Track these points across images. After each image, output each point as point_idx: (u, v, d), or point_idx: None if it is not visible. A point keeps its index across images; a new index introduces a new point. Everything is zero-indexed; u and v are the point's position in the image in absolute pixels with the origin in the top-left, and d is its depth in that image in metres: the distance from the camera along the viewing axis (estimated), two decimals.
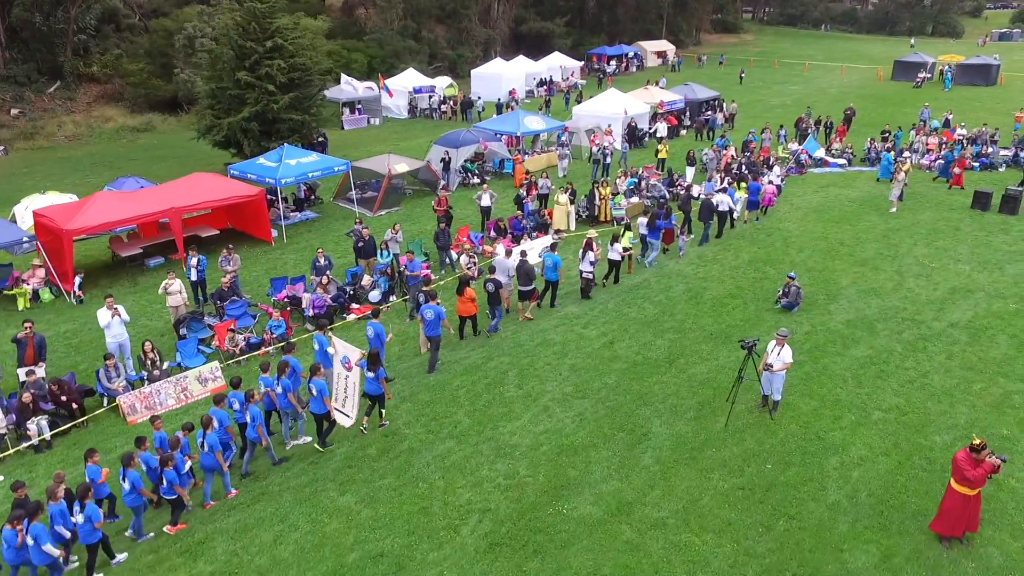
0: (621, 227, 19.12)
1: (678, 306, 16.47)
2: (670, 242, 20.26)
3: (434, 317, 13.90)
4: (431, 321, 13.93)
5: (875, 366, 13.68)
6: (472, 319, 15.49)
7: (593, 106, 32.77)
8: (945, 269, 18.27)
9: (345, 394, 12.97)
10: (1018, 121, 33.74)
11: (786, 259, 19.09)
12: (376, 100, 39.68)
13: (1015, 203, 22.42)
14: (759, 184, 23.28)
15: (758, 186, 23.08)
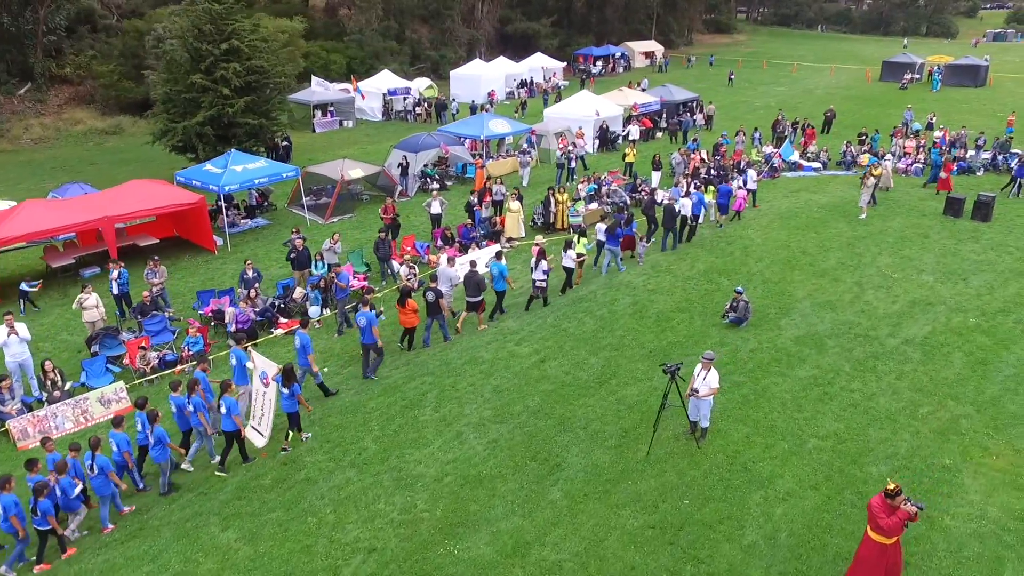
0: (575, 234, 18.47)
1: (620, 321, 15.62)
2: (629, 248, 19.53)
3: (366, 324, 13.44)
4: (364, 328, 13.49)
5: (819, 387, 12.81)
6: (411, 331, 14.84)
7: (564, 108, 31.93)
8: (908, 280, 17.38)
9: (262, 412, 12.24)
10: (1010, 125, 32.75)
11: (743, 269, 18.22)
12: (349, 102, 38.88)
13: (987, 209, 21.52)
14: (728, 187, 22.55)
15: (728, 189, 22.32)
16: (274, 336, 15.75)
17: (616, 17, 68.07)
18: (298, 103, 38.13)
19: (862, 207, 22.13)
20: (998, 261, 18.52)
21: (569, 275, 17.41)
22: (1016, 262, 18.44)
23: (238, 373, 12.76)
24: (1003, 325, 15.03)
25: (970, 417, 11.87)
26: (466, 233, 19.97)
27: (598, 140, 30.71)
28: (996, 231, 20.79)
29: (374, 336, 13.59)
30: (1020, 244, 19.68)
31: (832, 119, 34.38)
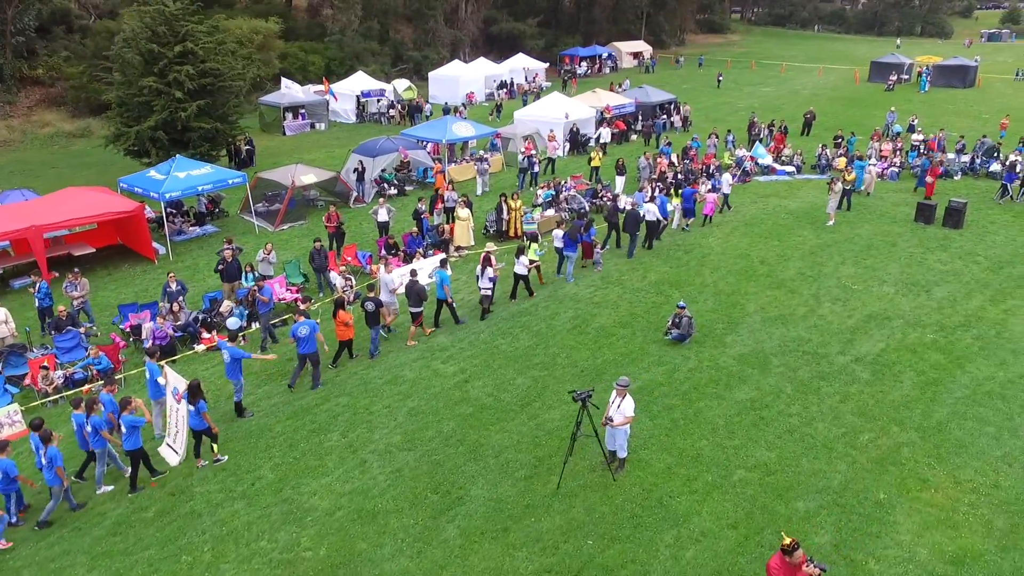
0: (527, 241, 17.76)
1: (557, 337, 14.79)
2: (589, 256, 18.76)
3: (309, 333, 12.86)
4: (306, 337, 12.88)
5: (755, 412, 11.98)
6: (349, 344, 14.17)
7: (534, 111, 31.09)
8: (867, 292, 16.52)
9: (176, 428, 11.54)
10: (1003, 128, 31.63)
11: (696, 280, 17.39)
12: (321, 104, 38.13)
13: (959, 216, 20.64)
14: (693, 191, 21.78)
15: (692, 192, 21.58)
16: (195, 352, 14.98)
17: (604, 17, 67.25)
18: (269, 105, 37.39)
19: (830, 214, 21.28)
20: (964, 271, 17.66)
21: (518, 282, 16.71)
22: (983, 272, 17.59)
23: (151, 387, 12.17)
24: (961, 341, 14.18)
25: (913, 445, 11.02)
26: (412, 242, 19.15)
27: (568, 143, 29.88)
28: (967, 238, 19.92)
29: (316, 345, 13.04)
30: (990, 253, 18.83)
31: (812, 121, 33.48)
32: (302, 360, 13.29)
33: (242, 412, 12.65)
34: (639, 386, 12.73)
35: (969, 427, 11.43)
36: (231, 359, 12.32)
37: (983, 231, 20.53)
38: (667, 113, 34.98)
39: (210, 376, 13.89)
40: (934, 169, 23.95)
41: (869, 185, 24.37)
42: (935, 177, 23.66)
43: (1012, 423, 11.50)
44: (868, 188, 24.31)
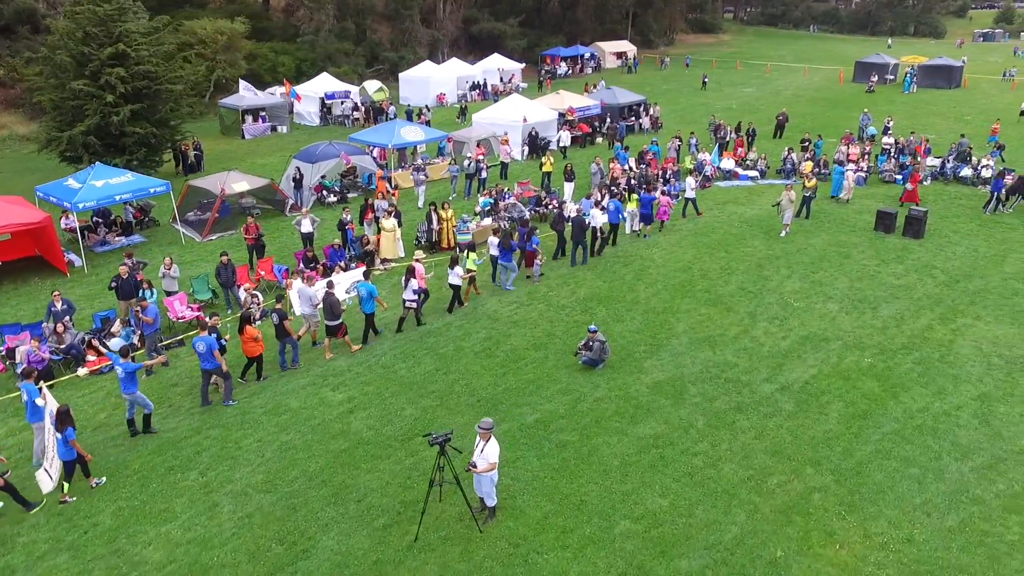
0: (464, 251, 16.85)
1: (463, 360, 13.66)
2: (530, 265, 17.67)
3: (206, 349, 12.12)
4: (203, 354, 12.16)
5: (657, 450, 10.83)
6: (258, 361, 13.26)
7: (493, 113, 29.93)
8: (809, 310, 15.35)
9: (53, 452, 10.60)
10: (994, 133, 29.83)
11: (627, 297, 16.23)
12: (283, 107, 37.08)
13: (920, 225, 19.44)
14: (651, 196, 20.72)
15: (650, 198, 20.52)
16: (76, 376, 13.89)
17: (589, 17, 66.06)
18: (228, 108, 36.34)
19: (785, 224, 20.12)
20: (918, 286, 16.48)
21: (455, 292, 15.81)
22: (937, 287, 16.40)
23: (30, 409, 11.23)
24: (900, 366, 13.00)
25: (825, 490, 9.86)
26: (333, 254, 18.04)
27: (527, 147, 28.77)
28: (926, 249, 18.73)
29: (216, 360, 12.24)
30: (948, 265, 17.64)
31: (784, 123, 32.26)
32: (206, 376, 12.54)
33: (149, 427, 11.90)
34: (536, 419, 11.60)
35: (891, 468, 10.26)
36: (124, 373, 11.46)
37: (945, 241, 19.33)
38: (635, 115, 33.83)
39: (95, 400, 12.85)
40: (915, 175, 22.79)
41: (848, 192, 23.08)
42: (916, 184, 22.45)
43: (939, 463, 10.34)
44: (847, 195, 23.04)
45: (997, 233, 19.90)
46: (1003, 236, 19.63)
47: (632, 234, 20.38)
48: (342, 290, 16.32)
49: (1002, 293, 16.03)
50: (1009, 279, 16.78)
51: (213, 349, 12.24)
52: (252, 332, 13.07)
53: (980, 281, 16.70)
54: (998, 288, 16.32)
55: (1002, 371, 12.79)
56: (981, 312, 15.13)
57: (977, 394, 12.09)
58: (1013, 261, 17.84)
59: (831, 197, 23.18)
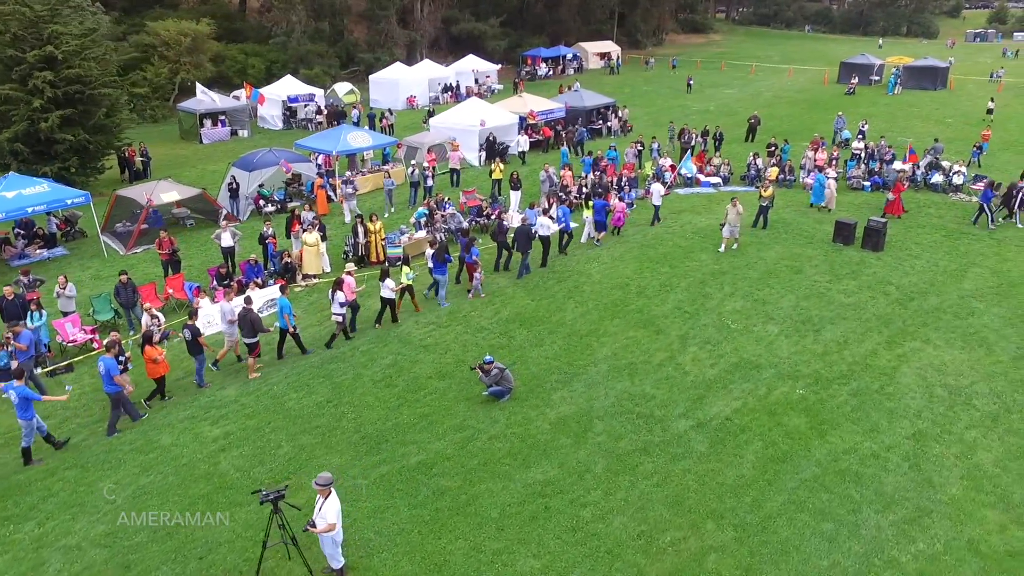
0: (399, 264, 16.12)
1: (359, 390, 12.54)
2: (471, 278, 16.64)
3: (104, 372, 11.36)
4: (103, 376, 11.41)
5: (544, 499, 9.64)
6: (161, 381, 12.44)
7: (450, 117, 28.83)
8: (747, 332, 14.20)
9: None
10: (984, 140, 28.22)
11: (554, 317, 15.10)
12: (244, 110, 36.05)
13: (879, 237, 18.29)
14: (605, 202, 19.81)
15: (604, 204, 19.64)
16: None
17: (572, 17, 64.90)
18: (187, 112, 35.29)
19: (729, 239, 18.47)
20: (869, 305, 15.31)
21: (384, 306, 14.96)
22: (890, 306, 15.23)
23: None
24: (834, 399, 11.86)
25: (723, 550, 8.72)
26: (250, 270, 16.95)
27: (484, 153, 27.66)
28: (884, 263, 17.56)
29: (116, 384, 11.41)
30: (904, 281, 16.47)
31: (756, 126, 31.08)
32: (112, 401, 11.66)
33: (29, 459, 10.96)
34: (420, 460, 10.48)
35: (802, 523, 9.11)
36: (19, 399, 10.59)
37: (905, 254, 18.15)
38: (603, 118, 32.69)
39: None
40: (898, 184, 21.43)
41: (830, 201, 21.71)
42: (898, 194, 21.05)
43: (856, 517, 9.19)
44: (829, 204, 21.69)
45: (961, 245, 18.72)
46: (966, 249, 18.46)
47: (589, 241, 19.48)
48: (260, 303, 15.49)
49: (957, 313, 14.87)
50: (967, 297, 15.62)
51: (112, 373, 11.32)
52: (152, 352, 12.17)
53: (936, 299, 15.54)
54: (954, 307, 15.15)
55: (943, 404, 11.64)
56: (931, 335, 13.97)
57: (912, 432, 10.94)
58: (973, 277, 16.68)
59: (810, 205, 22.03)
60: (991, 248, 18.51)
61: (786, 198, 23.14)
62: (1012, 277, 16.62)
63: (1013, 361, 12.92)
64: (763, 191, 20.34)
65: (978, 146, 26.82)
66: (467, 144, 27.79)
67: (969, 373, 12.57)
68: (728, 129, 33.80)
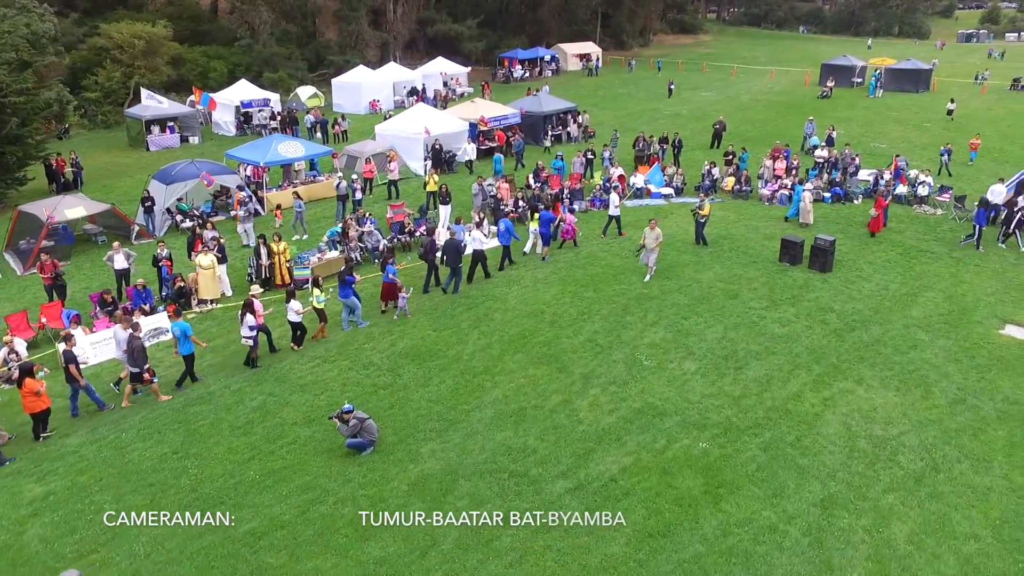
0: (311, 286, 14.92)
1: (213, 439, 11.11)
2: (392, 298, 15.37)
3: None
4: None
5: None
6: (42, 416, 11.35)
7: (395, 125, 27.41)
8: (660, 370, 12.78)
9: None
10: (973, 150, 26.53)
11: (451, 351, 13.68)
12: (194, 116, 34.74)
13: (826, 257, 16.84)
14: (550, 214, 18.61)
15: (549, 216, 18.45)
16: None
17: (552, 18, 63.49)
18: (133, 118, 33.97)
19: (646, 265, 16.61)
20: (803, 336, 13.87)
21: (295, 331, 13.90)
22: (826, 337, 13.79)
23: None
24: (741, 454, 10.43)
25: None
26: (137, 296, 15.56)
27: (430, 161, 26.28)
28: (830, 286, 16.11)
29: None
30: (848, 308, 15.02)
31: (722, 132, 29.62)
32: None
33: None
34: (250, 529, 9.09)
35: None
36: None
37: (854, 275, 16.71)
38: (563, 123, 31.26)
39: None
40: (880, 199, 19.67)
41: (806, 216, 19.98)
42: (881, 210, 19.21)
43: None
44: (805, 219, 19.95)
45: (917, 265, 17.26)
46: (922, 269, 16.99)
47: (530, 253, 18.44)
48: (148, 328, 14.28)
49: (899, 346, 13.43)
50: (912, 326, 14.17)
51: None
52: (32, 385, 11.13)
53: (878, 329, 14.09)
54: (896, 339, 13.71)
55: (864, 460, 10.22)
56: (866, 372, 12.53)
57: (821, 497, 9.50)
58: (924, 302, 15.23)
59: (786, 219, 20.44)
60: (948, 268, 17.07)
61: (739, 211, 21.71)
62: (965, 303, 15.18)
63: (950, 406, 11.50)
64: (700, 209, 18.69)
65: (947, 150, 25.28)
66: (412, 153, 26.42)
67: (900, 421, 11.14)
68: (696, 135, 32.54)
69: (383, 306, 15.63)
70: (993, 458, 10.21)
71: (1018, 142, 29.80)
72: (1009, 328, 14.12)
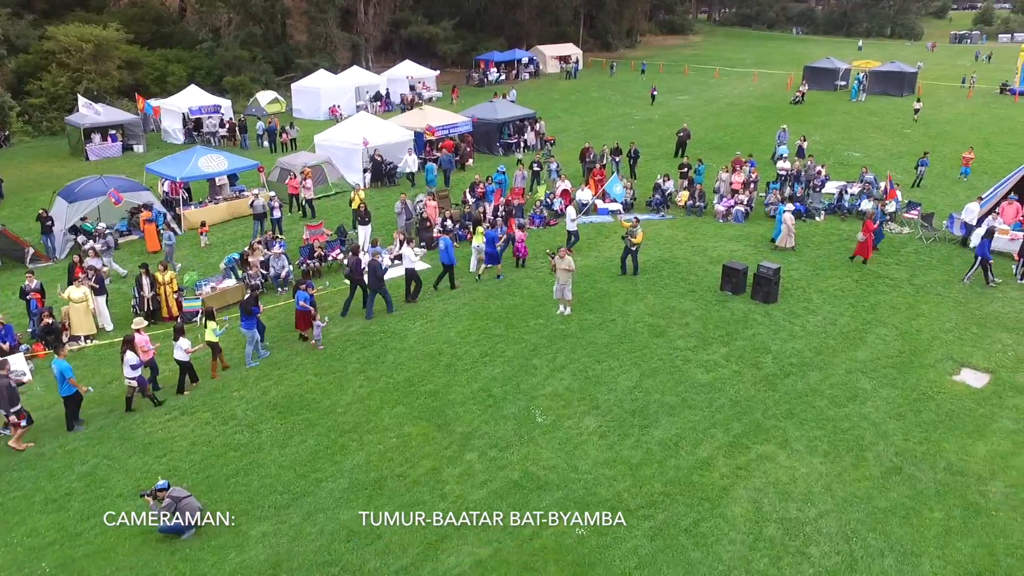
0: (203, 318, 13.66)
1: (15, 517, 9.42)
2: (305, 327, 14.07)
3: None
4: None
5: None
6: None
7: (334, 135, 25.78)
8: (555, 428, 11.10)
9: None
10: (965, 164, 24.23)
11: (327, 400, 11.94)
12: (137, 124, 33.12)
13: (770, 287, 15.13)
14: (494, 233, 17.26)
15: (494, 235, 17.10)
16: None
17: (532, 19, 61.74)
18: (73, 126, 32.39)
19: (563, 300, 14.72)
20: (730, 384, 12.18)
21: (182, 371, 12.40)
22: (756, 386, 12.08)
23: None
24: (623, 542, 8.70)
25: None
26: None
27: (369, 174, 24.63)
28: (772, 320, 14.39)
29: None
30: (786, 347, 13.30)
31: (686, 140, 27.91)
32: None
33: None
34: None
35: None
36: None
37: (801, 307, 15.00)
38: (520, 131, 29.61)
39: None
40: (867, 223, 17.15)
41: (786, 239, 17.94)
42: (869, 234, 16.93)
43: None
44: (784, 243, 17.94)
45: (872, 295, 15.57)
46: (877, 300, 15.30)
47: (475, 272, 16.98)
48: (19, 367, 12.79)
49: (836, 396, 11.74)
50: (856, 371, 12.48)
51: None
52: None
53: (817, 375, 12.40)
54: (835, 387, 12.02)
55: (768, 554, 8.54)
56: (793, 432, 10.86)
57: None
58: (873, 341, 13.53)
59: (771, 241, 18.40)
60: (906, 299, 15.36)
61: (689, 229, 20.02)
62: (920, 341, 13.50)
63: (884, 477, 9.81)
64: (631, 238, 16.47)
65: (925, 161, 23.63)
66: (350, 165, 24.80)
67: (822, 497, 9.47)
68: (663, 142, 30.85)
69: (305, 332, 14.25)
70: (924, 550, 8.55)
71: (1001, 151, 28.06)
72: (964, 373, 12.46)
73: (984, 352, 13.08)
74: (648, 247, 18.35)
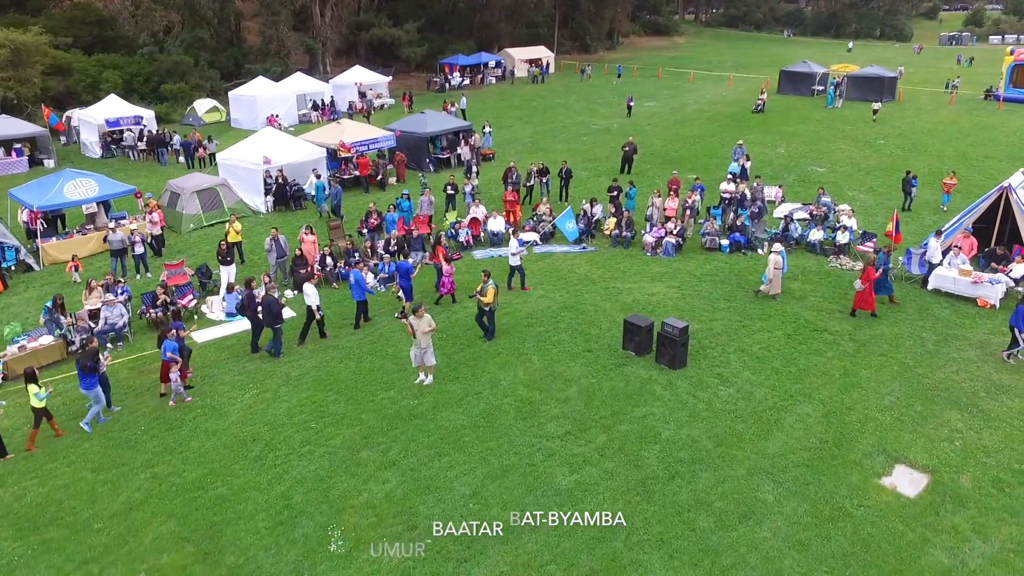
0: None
1: None
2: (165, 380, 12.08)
3: None
4: None
5: None
6: None
7: (235, 153, 23.19)
8: (347, 563, 8.41)
9: None
10: (947, 192, 20.98)
11: (86, 511, 9.36)
12: (47, 137, 30.58)
13: (675, 350, 12.53)
14: (408, 264, 15.41)
15: (408, 266, 15.21)
16: None
17: (502, 20, 59.15)
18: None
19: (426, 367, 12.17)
20: (595, 492, 9.49)
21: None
22: (626, 494, 9.38)
23: None
24: None
25: None
26: None
27: (272, 198, 22.11)
28: (673, 393, 11.77)
29: None
30: (682, 434, 10.66)
31: (633, 155, 25.31)
32: None
33: None
34: None
35: None
36: None
37: (715, 372, 12.36)
38: (453, 146, 27.04)
39: None
40: (869, 270, 14.09)
41: (772, 286, 15.11)
42: (869, 283, 14.01)
43: None
44: (769, 289, 15.13)
45: (804, 355, 12.96)
46: (807, 363, 12.69)
47: None
48: None
49: (725, 514, 9.08)
50: (760, 472, 9.88)
51: None
52: None
53: (709, 477, 9.79)
54: (728, 497, 9.39)
55: None
56: (659, 573, 8.35)
57: None
58: (792, 424, 10.93)
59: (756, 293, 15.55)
60: (843, 360, 12.75)
61: (608, 265, 17.38)
62: (849, 424, 10.92)
63: None
64: (481, 296, 13.38)
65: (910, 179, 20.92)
66: (251, 186, 22.28)
67: None
68: (611, 156, 28.24)
69: (162, 388, 12.15)
70: None
71: (977, 166, 25.40)
72: (897, 473, 9.87)
73: (926, 440, 10.52)
74: (554, 289, 15.85)
